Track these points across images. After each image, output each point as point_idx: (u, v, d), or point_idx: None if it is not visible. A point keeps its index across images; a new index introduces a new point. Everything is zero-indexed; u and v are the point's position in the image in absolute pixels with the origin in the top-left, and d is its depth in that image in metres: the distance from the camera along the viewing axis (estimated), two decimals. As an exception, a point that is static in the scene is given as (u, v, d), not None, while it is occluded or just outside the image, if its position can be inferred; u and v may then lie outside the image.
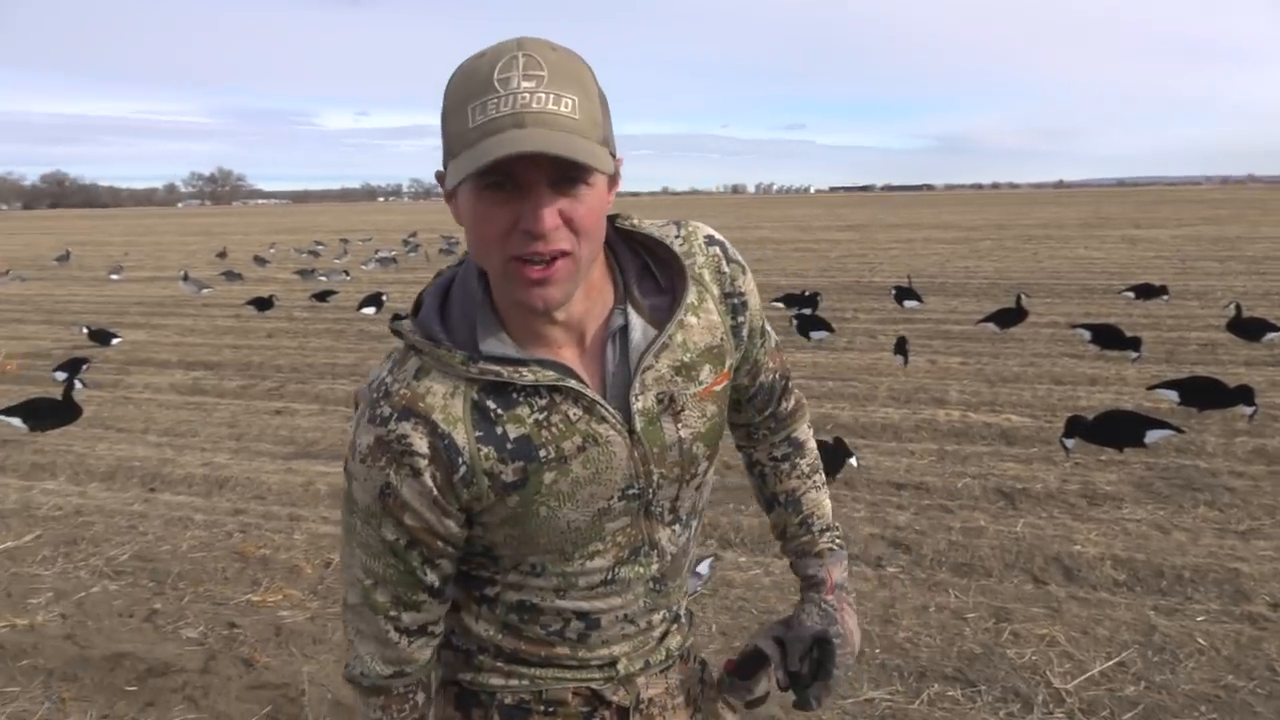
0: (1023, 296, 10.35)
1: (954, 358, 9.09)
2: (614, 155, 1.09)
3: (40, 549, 4.93)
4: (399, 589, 1.16)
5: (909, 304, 11.90)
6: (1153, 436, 5.57)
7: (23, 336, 12.46)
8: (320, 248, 27.88)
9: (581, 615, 1.21)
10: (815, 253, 22.71)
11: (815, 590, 1.37)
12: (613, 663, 1.26)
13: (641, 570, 1.22)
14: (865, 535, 4.69)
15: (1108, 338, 8.73)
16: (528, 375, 1.09)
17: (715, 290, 1.21)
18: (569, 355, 1.14)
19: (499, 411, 1.10)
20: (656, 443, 1.16)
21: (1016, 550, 4.47)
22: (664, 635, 1.30)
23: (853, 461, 5.33)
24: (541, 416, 1.10)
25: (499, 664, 1.25)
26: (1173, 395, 6.51)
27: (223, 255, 25.92)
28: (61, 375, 8.21)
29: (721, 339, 1.21)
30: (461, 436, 1.09)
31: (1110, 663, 3.46)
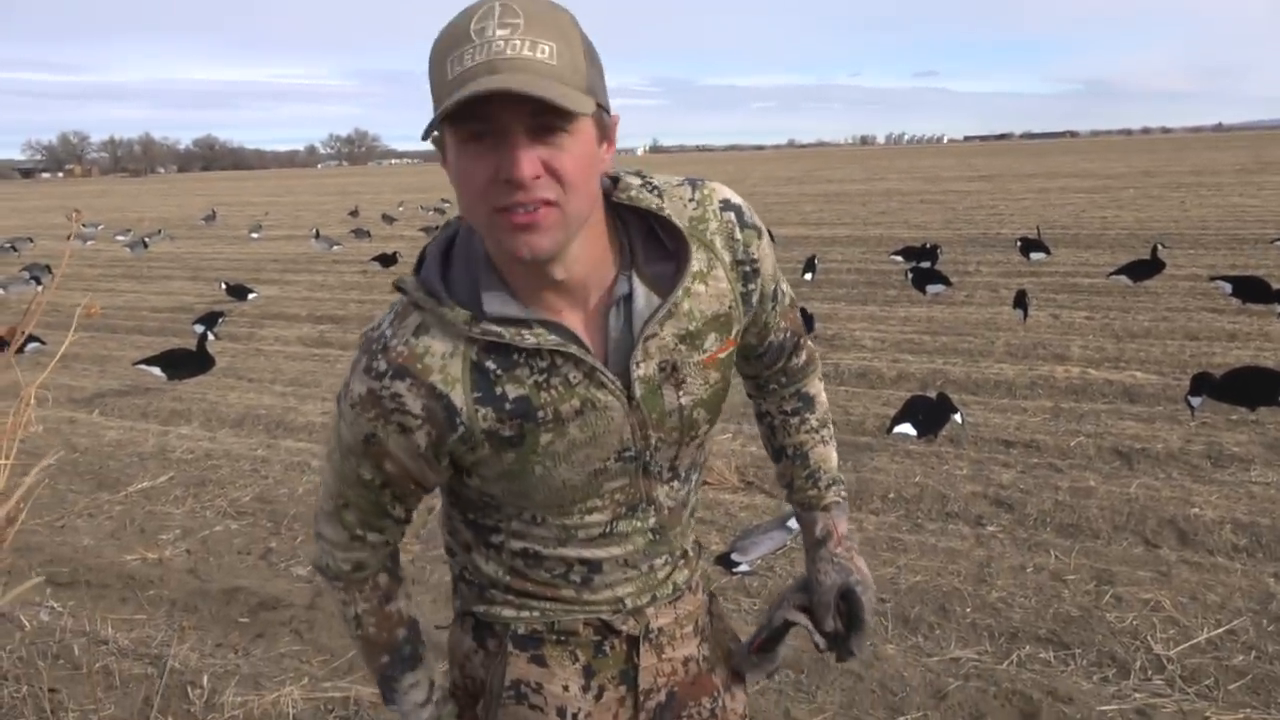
0: (1159, 247, 9.76)
1: (1080, 312, 8.68)
2: (605, 110, 1.06)
3: (172, 489, 5.28)
4: (366, 514, 1.23)
5: (1035, 256, 11.39)
6: (1290, 395, 5.20)
7: (170, 292, 13.27)
8: (445, 205, 28.51)
9: (583, 561, 1.24)
10: (942, 204, 21.94)
11: (824, 544, 1.38)
12: (618, 600, 1.28)
13: (639, 524, 1.24)
14: (966, 493, 4.56)
15: (1251, 291, 8.14)
16: (530, 338, 1.09)
17: (726, 257, 1.18)
18: (572, 319, 1.13)
19: (499, 372, 1.10)
20: (655, 409, 1.16)
21: (1128, 512, 4.26)
22: (670, 573, 1.32)
23: (957, 418, 5.17)
24: (541, 379, 1.10)
25: (510, 598, 1.28)
26: (1318, 352, 6.06)
27: (354, 214, 26.82)
28: (199, 328, 8.70)
29: (730, 307, 1.19)
30: (460, 397, 1.10)
31: (1219, 630, 3.28)
